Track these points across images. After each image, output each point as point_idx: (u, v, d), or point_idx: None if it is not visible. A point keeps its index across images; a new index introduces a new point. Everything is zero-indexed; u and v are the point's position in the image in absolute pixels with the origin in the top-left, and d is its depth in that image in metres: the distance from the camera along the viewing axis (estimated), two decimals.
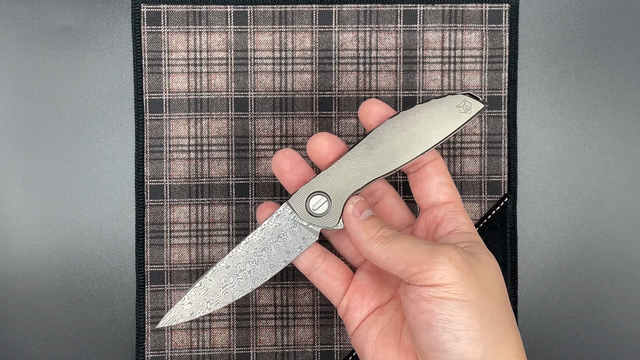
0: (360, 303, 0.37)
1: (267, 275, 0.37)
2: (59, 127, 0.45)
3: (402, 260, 0.32)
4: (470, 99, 0.36)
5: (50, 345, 0.45)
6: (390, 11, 0.45)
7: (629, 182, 0.46)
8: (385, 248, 0.33)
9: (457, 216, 0.36)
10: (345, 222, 0.35)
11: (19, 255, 0.45)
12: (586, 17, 0.46)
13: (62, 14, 0.45)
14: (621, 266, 0.46)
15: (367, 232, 0.34)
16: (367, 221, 0.35)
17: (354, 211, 0.35)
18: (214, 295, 0.37)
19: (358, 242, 0.34)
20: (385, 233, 0.34)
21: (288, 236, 0.37)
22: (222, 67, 0.44)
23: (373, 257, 0.33)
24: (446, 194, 0.36)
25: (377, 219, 0.35)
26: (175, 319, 0.36)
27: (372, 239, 0.34)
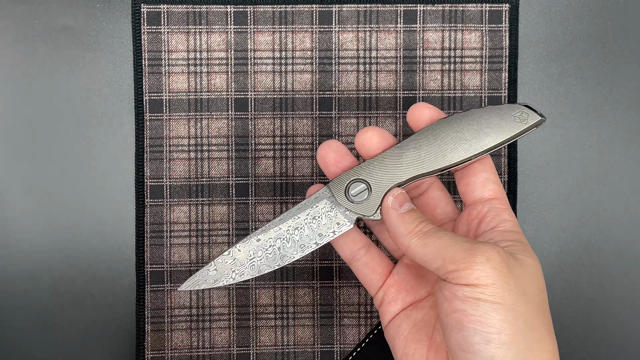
0: (395, 297, 0.37)
1: (295, 255, 0.36)
2: (59, 127, 0.45)
3: (439, 257, 0.31)
4: (528, 110, 0.35)
5: (50, 345, 0.45)
6: (390, 11, 0.45)
7: (629, 182, 0.46)
8: (423, 243, 0.32)
9: (502, 213, 0.35)
10: (384, 215, 0.35)
11: (19, 255, 0.45)
12: (586, 17, 0.46)
13: (62, 14, 0.45)
14: (621, 266, 0.46)
15: (406, 225, 0.33)
16: (407, 215, 0.34)
17: (393, 204, 0.34)
18: (241, 266, 0.36)
19: (396, 235, 0.34)
20: (424, 228, 0.33)
21: (323, 219, 0.36)
22: (222, 67, 0.44)
23: (410, 251, 0.33)
24: (492, 190, 0.35)
25: (417, 213, 0.34)
26: (198, 283, 0.36)
27: (410, 233, 0.33)
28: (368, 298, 0.45)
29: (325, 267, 0.45)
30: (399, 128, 0.45)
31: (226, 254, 0.36)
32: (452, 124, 0.35)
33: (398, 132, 0.45)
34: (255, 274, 0.36)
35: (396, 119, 0.45)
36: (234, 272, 0.36)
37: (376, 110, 0.45)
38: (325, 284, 0.45)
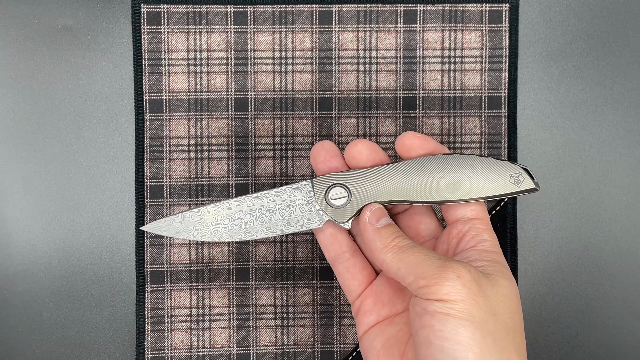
0: (372, 309, 0.37)
1: (259, 234, 0.37)
2: (59, 127, 0.45)
3: (411, 272, 0.31)
4: (525, 174, 0.35)
5: (50, 345, 0.45)
6: (390, 11, 0.45)
7: (629, 182, 0.46)
8: (397, 258, 0.32)
9: (482, 233, 0.35)
10: (361, 228, 0.35)
11: (19, 255, 0.45)
12: (586, 17, 0.46)
13: (62, 14, 0.45)
14: (621, 266, 0.46)
15: (382, 240, 0.34)
16: (383, 229, 0.34)
17: (370, 218, 0.35)
18: (205, 227, 0.37)
19: (372, 249, 0.34)
20: (399, 243, 0.33)
21: (296, 210, 0.37)
22: (222, 67, 0.44)
23: (385, 266, 0.33)
24: (474, 210, 0.36)
25: (394, 228, 0.34)
26: (160, 228, 0.37)
27: (385, 248, 0.33)
28: None
29: (325, 267, 0.45)
30: (399, 128, 0.45)
31: (195, 212, 0.36)
32: (448, 163, 0.35)
33: (398, 132, 0.45)
34: (216, 239, 0.37)
35: (396, 119, 0.45)
36: (196, 231, 0.37)
37: (376, 110, 0.45)
38: (325, 284, 0.45)
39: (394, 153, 0.45)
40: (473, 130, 0.45)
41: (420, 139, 0.36)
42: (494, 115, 0.45)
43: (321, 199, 0.36)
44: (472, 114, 0.45)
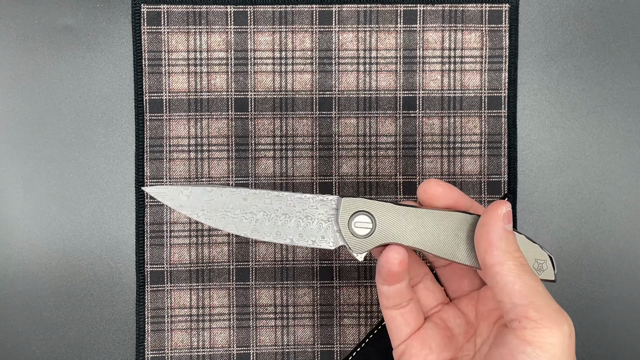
0: (418, 353, 0.34)
1: (267, 237, 0.34)
2: (59, 127, 0.45)
3: (526, 297, 0.30)
4: (550, 264, 0.34)
5: (50, 345, 0.45)
6: (390, 11, 0.45)
7: (629, 182, 0.46)
8: (517, 273, 0.30)
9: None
10: (488, 223, 0.32)
11: (19, 255, 0.45)
12: (586, 17, 0.46)
13: (62, 14, 0.45)
14: (621, 266, 0.46)
15: (508, 244, 0.31)
16: (511, 234, 0.31)
17: (505, 216, 0.32)
18: (212, 211, 0.34)
19: (494, 247, 0.31)
20: (520, 258, 0.31)
21: (314, 224, 0.34)
22: (222, 67, 0.44)
23: (500, 270, 0.31)
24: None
25: (516, 240, 0.32)
26: (164, 195, 0.34)
27: (508, 254, 0.31)
28: (368, 298, 0.45)
29: (325, 267, 0.45)
30: (399, 128, 0.45)
31: (208, 190, 0.34)
32: (473, 227, 0.33)
33: (398, 132, 0.45)
34: (220, 226, 0.34)
35: (396, 119, 0.45)
36: (203, 211, 0.34)
37: (376, 110, 0.45)
38: (325, 284, 0.45)
39: (393, 153, 0.45)
40: (473, 130, 0.45)
41: (444, 188, 0.34)
42: (494, 115, 0.45)
43: (344, 221, 0.34)
44: (472, 114, 0.45)
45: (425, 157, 0.45)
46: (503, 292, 0.30)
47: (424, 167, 0.45)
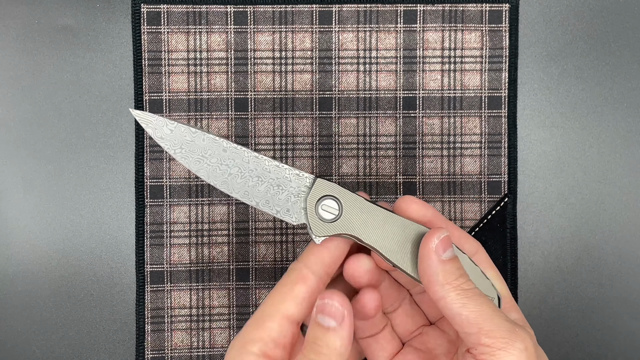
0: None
1: (234, 193, 0.34)
2: (59, 127, 0.45)
3: (475, 325, 0.29)
4: (496, 302, 0.33)
5: (50, 345, 0.45)
6: (390, 11, 0.45)
7: (629, 182, 0.46)
8: (461, 302, 0.30)
9: (510, 312, 0.33)
10: (423, 255, 0.31)
11: (19, 255, 0.45)
12: (586, 17, 0.46)
13: (62, 14, 0.45)
14: (621, 266, 0.46)
15: (446, 275, 0.31)
16: (449, 263, 0.31)
17: (437, 248, 0.31)
18: (190, 152, 0.34)
19: (432, 283, 0.31)
20: (463, 285, 0.31)
21: (282, 194, 0.34)
22: (222, 67, 0.44)
23: (444, 304, 0.30)
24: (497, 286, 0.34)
25: (458, 265, 0.31)
26: (148, 122, 0.33)
27: (448, 285, 0.30)
28: None
29: None
30: (399, 128, 0.45)
31: (192, 131, 0.34)
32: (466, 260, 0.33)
33: (398, 132, 0.45)
34: (192, 168, 0.34)
35: (396, 119, 0.45)
36: (181, 149, 0.34)
37: (376, 110, 0.45)
38: None
39: (393, 153, 0.45)
40: (473, 130, 0.45)
41: (418, 205, 0.33)
42: (494, 115, 0.45)
43: (312, 201, 0.33)
44: (472, 114, 0.45)
45: (425, 157, 0.45)
46: (454, 323, 0.30)
47: (424, 167, 0.45)
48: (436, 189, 0.45)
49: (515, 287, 0.45)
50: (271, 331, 0.31)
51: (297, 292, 0.32)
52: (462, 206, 0.45)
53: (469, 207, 0.45)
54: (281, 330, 0.32)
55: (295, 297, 0.32)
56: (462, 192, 0.45)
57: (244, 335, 0.32)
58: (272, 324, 0.31)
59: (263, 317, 0.32)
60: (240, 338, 0.32)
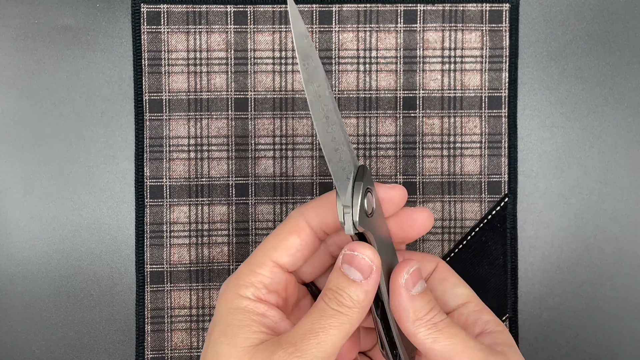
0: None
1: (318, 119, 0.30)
2: (59, 127, 0.45)
3: (449, 359, 0.30)
4: None
5: (50, 345, 0.45)
6: (390, 11, 0.45)
7: (629, 182, 0.46)
8: (432, 338, 0.30)
9: (482, 315, 0.33)
10: (393, 290, 0.31)
11: (19, 255, 0.45)
12: (586, 17, 0.46)
13: (62, 14, 0.45)
14: (621, 266, 0.46)
15: (416, 312, 0.30)
16: (418, 299, 0.31)
17: (407, 282, 0.31)
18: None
19: (403, 320, 0.31)
20: (434, 318, 0.30)
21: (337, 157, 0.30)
22: (222, 67, 0.44)
23: (416, 340, 0.31)
24: (462, 295, 0.34)
25: (429, 297, 0.31)
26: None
27: (419, 321, 0.30)
28: None
29: None
30: (399, 128, 0.45)
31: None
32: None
33: (398, 132, 0.45)
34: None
35: (396, 119, 0.45)
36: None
37: (376, 110, 0.45)
38: None
39: (393, 153, 0.45)
40: (473, 130, 0.45)
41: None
42: (494, 115, 0.45)
43: (359, 188, 0.29)
44: (472, 114, 0.45)
45: (425, 157, 0.45)
46: (428, 358, 0.31)
47: (424, 167, 0.45)
48: (436, 189, 0.45)
49: (515, 287, 0.45)
50: (263, 277, 0.31)
51: (290, 243, 0.31)
52: (462, 206, 0.45)
53: (469, 207, 0.45)
54: (273, 277, 0.31)
55: (288, 248, 0.31)
56: (462, 192, 0.45)
57: (237, 279, 0.31)
58: (264, 271, 0.31)
59: (255, 263, 0.32)
60: (234, 282, 0.31)
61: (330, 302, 0.29)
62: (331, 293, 0.30)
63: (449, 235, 0.45)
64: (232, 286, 0.31)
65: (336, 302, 0.29)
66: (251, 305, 0.31)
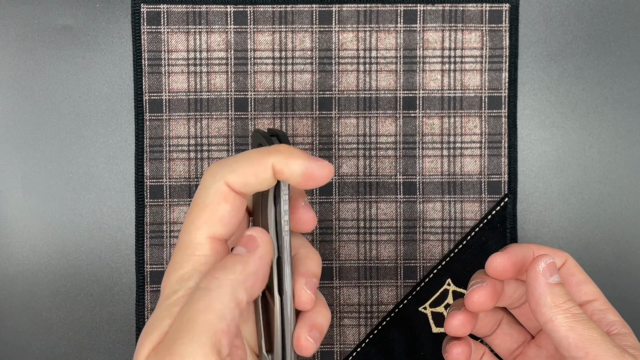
0: None
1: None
2: (59, 127, 0.45)
3: (583, 349, 0.30)
4: None
5: (50, 345, 0.45)
6: (390, 11, 0.45)
7: (629, 182, 0.46)
8: (569, 325, 0.30)
9: (607, 314, 0.33)
10: (531, 278, 0.32)
11: (19, 255, 0.45)
12: (586, 17, 0.46)
13: (62, 14, 0.45)
14: (621, 266, 0.46)
15: (554, 298, 0.31)
16: (556, 287, 0.31)
17: (544, 271, 0.31)
18: None
19: (540, 305, 0.31)
20: (572, 309, 0.31)
21: None
22: (222, 67, 0.44)
23: (551, 326, 0.31)
24: (587, 292, 0.34)
25: (565, 289, 0.32)
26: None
27: (556, 307, 0.31)
28: (368, 298, 0.45)
29: (325, 267, 0.45)
30: (399, 128, 0.45)
31: None
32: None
33: (398, 132, 0.45)
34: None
35: (396, 119, 0.45)
36: None
37: (376, 110, 0.45)
38: (325, 284, 0.45)
39: (393, 153, 0.45)
40: (473, 130, 0.45)
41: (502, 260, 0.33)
42: (494, 115, 0.45)
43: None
44: (472, 114, 0.45)
45: (425, 157, 0.45)
46: (560, 347, 0.31)
47: (424, 167, 0.45)
48: (436, 189, 0.45)
49: None
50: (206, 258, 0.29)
51: (222, 212, 0.29)
52: (462, 206, 0.45)
53: (469, 207, 0.45)
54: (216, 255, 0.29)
55: (221, 218, 0.29)
56: (462, 192, 0.45)
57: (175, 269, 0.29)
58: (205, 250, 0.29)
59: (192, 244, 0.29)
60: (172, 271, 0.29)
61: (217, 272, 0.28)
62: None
63: (449, 235, 0.45)
64: (172, 276, 0.29)
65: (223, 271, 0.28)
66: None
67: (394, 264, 0.45)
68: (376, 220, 0.45)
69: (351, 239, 0.45)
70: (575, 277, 0.34)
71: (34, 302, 0.45)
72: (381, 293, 0.45)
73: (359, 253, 0.45)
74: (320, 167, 0.29)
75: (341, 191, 0.45)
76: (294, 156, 0.29)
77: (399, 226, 0.45)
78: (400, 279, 0.45)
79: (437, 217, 0.45)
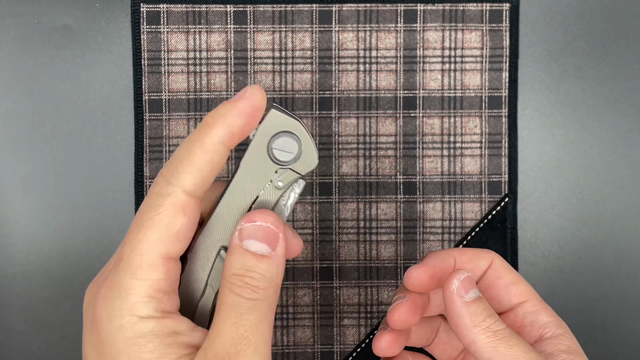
0: None
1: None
2: (58, 127, 0.45)
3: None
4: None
5: (50, 345, 0.45)
6: (391, 11, 0.45)
7: (629, 182, 0.46)
8: (491, 346, 0.29)
9: (539, 316, 0.32)
10: (446, 299, 0.30)
11: (19, 255, 0.45)
12: (587, 17, 0.46)
13: (62, 14, 0.45)
14: (621, 266, 0.46)
15: (472, 317, 0.29)
16: (473, 304, 0.30)
17: (458, 289, 0.30)
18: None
19: (460, 327, 0.30)
20: (493, 325, 0.29)
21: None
22: (221, 67, 0.44)
23: (475, 348, 0.29)
24: (517, 294, 0.33)
25: (485, 304, 0.30)
26: None
27: (476, 327, 0.29)
28: (368, 298, 0.45)
29: (325, 267, 0.45)
30: (399, 128, 0.45)
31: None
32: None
33: (398, 132, 0.45)
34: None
35: (396, 119, 0.45)
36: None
37: (376, 110, 0.45)
38: (325, 284, 0.45)
39: (393, 153, 0.45)
40: (473, 130, 0.45)
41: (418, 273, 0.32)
42: (494, 115, 0.45)
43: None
44: (472, 113, 0.45)
45: (425, 157, 0.45)
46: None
47: (424, 167, 0.45)
48: (436, 189, 0.45)
49: None
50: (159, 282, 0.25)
51: (179, 227, 0.26)
52: (462, 206, 0.45)
53: (469, 207, 0.45)
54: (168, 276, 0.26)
55: (177, 234, 0.26)
56: (462, 192, 0.45)
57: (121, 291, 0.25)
58: (158, 273, 0.25)
59: (143, 265, 0.26)
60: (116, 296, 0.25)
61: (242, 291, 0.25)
62: (238, 279, 0.25)
63: (449, 235, 0.45)
64: (118, 304, 0.24)
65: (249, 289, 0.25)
66: (159, 327, 0.24)
67: (394, 264, 0.45)
68: (376, 220, 0.45)
69: (351, 239, 0.45)
70: (503, 280, 0.33)
71: (34, 302, 0.45)
72: (381, 293, 0.45)
73: (359, 253, 0.45)
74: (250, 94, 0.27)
75: (341, 191, 0.45)
76: (221, 114, 0.26)
77: (399, 226, 0.45)
78: (400, 279, 0.45)
79: (437, 217, 0.45)
